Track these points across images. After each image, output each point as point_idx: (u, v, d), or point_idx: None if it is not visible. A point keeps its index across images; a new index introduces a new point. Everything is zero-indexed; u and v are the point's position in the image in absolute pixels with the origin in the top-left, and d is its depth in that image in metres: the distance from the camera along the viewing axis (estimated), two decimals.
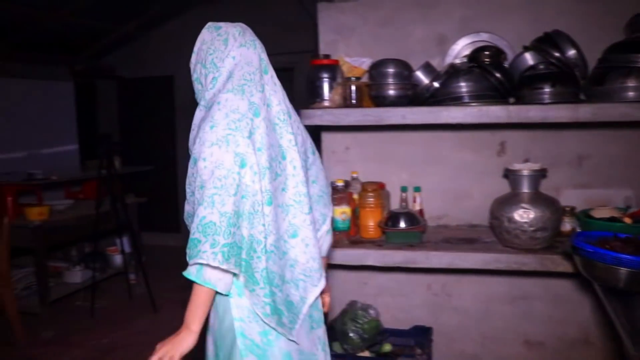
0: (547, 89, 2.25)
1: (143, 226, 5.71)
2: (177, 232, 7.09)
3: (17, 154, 5.80)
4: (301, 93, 6.36)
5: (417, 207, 2.76)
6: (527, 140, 2.72)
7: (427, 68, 2.53)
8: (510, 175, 2.41)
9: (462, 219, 2.85)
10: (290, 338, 1.68)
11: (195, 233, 1.49)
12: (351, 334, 2.68)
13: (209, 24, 1.96)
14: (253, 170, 1.56)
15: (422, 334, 2.80)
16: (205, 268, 1.52)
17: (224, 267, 1.50)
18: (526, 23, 2.63)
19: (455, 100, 2.37)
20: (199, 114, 1.72)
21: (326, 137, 2.94)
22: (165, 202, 7.00)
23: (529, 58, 2.45)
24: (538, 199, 2.32)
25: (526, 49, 2.48)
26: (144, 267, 4.87)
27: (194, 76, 1.80)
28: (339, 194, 2.48)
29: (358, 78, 2.57)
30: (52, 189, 5.49)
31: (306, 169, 1.77)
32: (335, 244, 2.47)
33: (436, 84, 2.47)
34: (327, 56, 2.55)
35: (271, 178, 1.60)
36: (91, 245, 5.31)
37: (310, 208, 1.70)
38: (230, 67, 1.74)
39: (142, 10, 6.09)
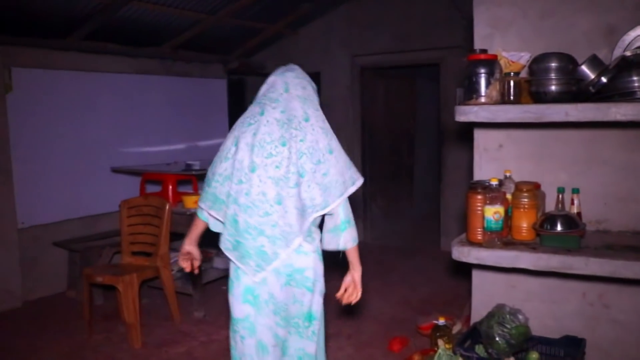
0: None
1: None
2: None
3: (178, 145, 6.29)
4: (447, 88, 6.27)
5: (574, 210, 2.60)
6: None
7: (594, 61, 2.36)
8: None
9: (625, 224, 2.64)
10: (254, 278, 2.26)
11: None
12: (497, 338, 2.59)
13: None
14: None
15: (573, 345, 2.64)
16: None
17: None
18: None
19: (626, 95, 2.20)
20: None
21: (479, 134, 2.86)
22: None
23: None
24: None
25: None
26: None
27: None
28: (492, 192, 2.40)
29: (517, 73, 2.47)
30: None
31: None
32: (487, 244, 2.40)
33: (604, 79, 2.30)
34: (484, 51, 2.47)
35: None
36: None
37: (297, 184, 2.17)
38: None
39: (291, 10, 6.31)
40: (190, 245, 2.51)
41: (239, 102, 7.60)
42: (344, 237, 2.27)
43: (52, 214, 5.14)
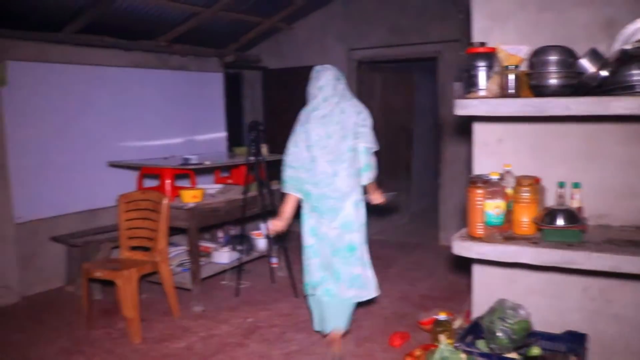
0: None
1: None
2: None
3: (175, 139, 6.27)
4: (444, 82, 6.26)
5: (575, 205, 2.58)
6: None
7: (594, 55, 2.34)
8: None
9: (627, 219, 2.63)
10: (318, 219, 3.50)
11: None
12: (499, 334, 2.58)
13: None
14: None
15: (575, 341, 2.63)
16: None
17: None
18: None
19: (626, 89, 2.18)
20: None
21: (478, 128, 2.84)
22: None
23: None
24: None
25: None
26: (287, 252, 5.05)
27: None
28: (492, 187, 2.39)
29: (516, 67, 2.44)
30: (203, 174, 5.87)
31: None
32: (488, 239, 2.39)
33: (604, 72, 2.28)
34: (483, 44, 2.45)
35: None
36: (236, 228, 5.60)
37: (343, 162, 3.45)
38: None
39: (287, 4, 6.28)
40: (286, 222, 3.61)
41: (235, 95, 7.59)
42: (365, 176, 3.59)
43: (50, 209, 5.12)
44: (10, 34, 4.70)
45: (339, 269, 3.46)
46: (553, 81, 2.29)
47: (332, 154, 3.41)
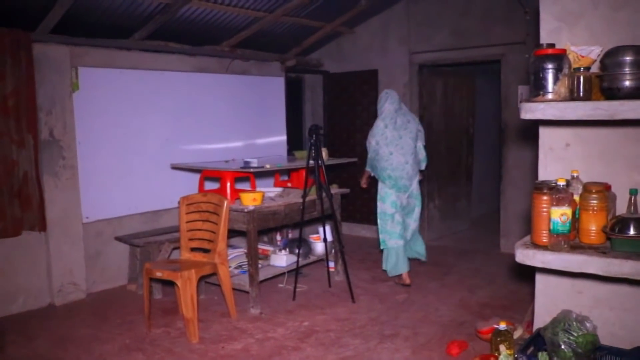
0: None
1: (342, 216, 5.91)
2: (375, 223, 7.19)
3: (236, 143, 6.36)
4: (508, 85, 6.10)
5: None
6: None
7: None
8: None
9: None
10: (397, 194, 5.12)
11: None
12: (563, 346, 2.48)
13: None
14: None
15: None
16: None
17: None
18: None
19: None
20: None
21: (544, 132, 2.74)
22: (365, 194, 7.16)
23: None
24: None
25: None
26: (344, 257, 5.02)
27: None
28: (558, 193, 2.29)
29: (587, 68, 2.34)
30: (263, 177, 5.93)
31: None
32: (553, 248, 2.30)
33: None
34: (551, 45, 2.36)
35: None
36: (295, 231, 5.62)
37: (410, 155, 5.10)
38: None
39: (348, 8, 6.27)
40: (367, 180, 5.44)
41: (296, 99, 7.64)
42: (422, 164, 5.31)
43: (115, 210, 5.29)
44: (82, 42, 4.90)
45: (409, 224, 5.27)
46: (627, 83, 2.18)
47: (403, 149, 5.01)
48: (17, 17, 4.38)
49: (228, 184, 4.73)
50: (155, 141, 5.55)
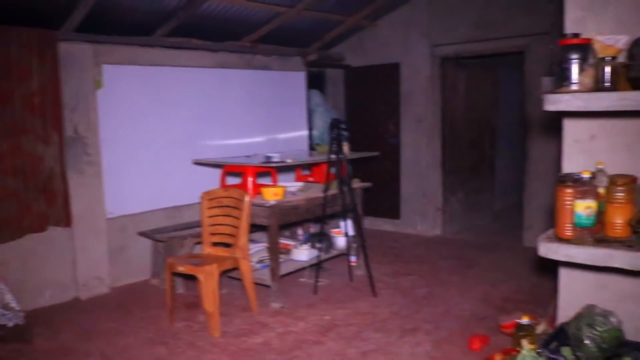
0: None
1: (364, 210, 5.89)
2: (396, 217, 7.19)
3: (257, 138, 6.38)
4: (532, 77, 6.02)
5: None
6: None
7: None
8: None
9: None
10: None
11: None
12: (587, 341, 2.43)
13: None
14: None
15: None
16: None
17: None
18: None
19: None
20: None
21: (569, 124, 2.69)
22: (386, 188, 7.14)
23: None
24: None
25: None
26: (366, 251, 5.02)
27: None
28: (583, 186, 2.25)
29: (613, 58, 2.29)
30: (285, 172, 5.94)
31: None
32: (577, 241, 2.26)
33: None
34: (576, 35, 2.32)
35: None
36: (316, 226, 5.62)
37: None
38: None
39: (370, 1, 6.23)
40: None
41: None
42: None
43: (137, 205, 5.34)
44: (105, 39, 4.95)
45: None
46: None
47: None
48: (42, 16, 4.44)
49: (249, 179, 4.75)
50: (177, 137, 5.58)
